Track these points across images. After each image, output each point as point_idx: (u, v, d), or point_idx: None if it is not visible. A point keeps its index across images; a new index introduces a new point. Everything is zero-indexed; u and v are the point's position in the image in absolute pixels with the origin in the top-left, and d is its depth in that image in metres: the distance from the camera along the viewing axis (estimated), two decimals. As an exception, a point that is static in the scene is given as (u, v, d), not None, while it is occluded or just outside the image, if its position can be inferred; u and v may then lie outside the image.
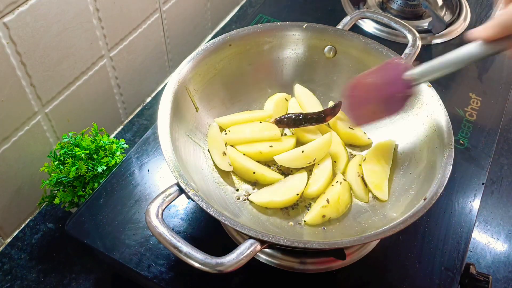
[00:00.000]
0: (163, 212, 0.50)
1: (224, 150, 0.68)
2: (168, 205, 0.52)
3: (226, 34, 0.72)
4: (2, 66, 0.64)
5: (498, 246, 0.84)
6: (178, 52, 1.04)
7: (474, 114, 0.84)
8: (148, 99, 1.02)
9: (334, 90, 0.78)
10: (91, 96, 0.84)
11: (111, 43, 0.82)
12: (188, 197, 0.52)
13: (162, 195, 0.52)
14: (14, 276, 0.74)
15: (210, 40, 0.82)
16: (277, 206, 0.65)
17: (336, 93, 0.78)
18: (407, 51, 0.74)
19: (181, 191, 0.53)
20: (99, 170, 0.71)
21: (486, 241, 0.85)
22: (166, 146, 0.57)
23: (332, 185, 0.66)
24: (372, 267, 0.64)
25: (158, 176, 0.71)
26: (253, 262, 0.60)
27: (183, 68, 0.67)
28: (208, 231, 0.66)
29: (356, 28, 0.93)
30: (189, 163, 0.61)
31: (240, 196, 0.66)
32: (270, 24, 0.76)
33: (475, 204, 0.71)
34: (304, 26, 0.75)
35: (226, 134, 0.70)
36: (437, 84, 0.70)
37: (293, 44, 0.76)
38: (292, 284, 0.62)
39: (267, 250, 0.64)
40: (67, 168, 0.70)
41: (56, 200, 0.71)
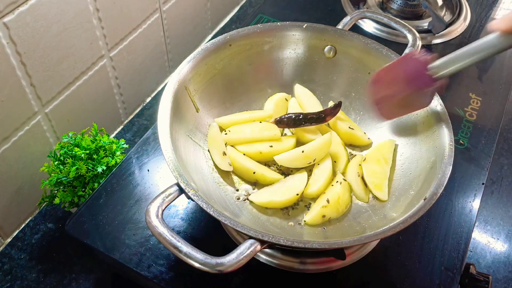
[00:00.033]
0: (163, 212, 0.51)
1: (224, 150, 0.68)
2: (168, 205, 0.52)
3: (226, 34, 0.72)
4: (2, 66, 0.64)
5: (498, 246, 0.84)
6: (178, 52, 1.04)
7: (474, 114, 0.84)
8: (148, 99, 1.02)
9: (334, 90, 0.78)
10: (91, 96, 0.84)
11: (111, 43, 0.82)
12: (188, 197, 0.52)
13: (162, 195, 0.52)
14: (14, 276, 0.74)
15: (210, 40, 0.82)
16: (277, 206, 0.65)
17: (336, 93, 0.78)
18: (407, 51, 0.74)
19: (181, 191, 0.53)
20: (99, 170, 0.71)
21: (486, 241, 0.85)
22: (166, 146, 0.57)
23: (332, 185, 0.66)
24: (372, 267, 0.64)
25: (158, 176, 0.71)
26: (253, 262, 0.60)
27: (183, 68, 0.67)
28: (208, 231, 0.66)
29: (356, 28, 0.93)
30: (189, 163, 0.61)
31: (240, 196, 0.66)
32: (270, 24, 0.76)
33: (475, 204, 0.71)
34: (304, 26, 0.75)
35: (226, 134, 0.70)
36: (437, 84, 0.70)
37: (293, 44, 0.76)
38: (292, 284, 0.62)
39: (267, 250, 0.64)
40: (67, 168, 0.70)
41: (56, 200, 0.71)
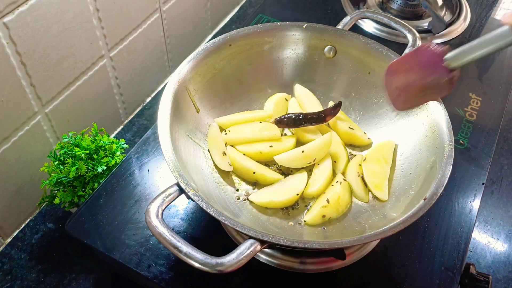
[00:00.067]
0: (163, 212, 0.51)
1: (224, 150, 0.68)
2: (168, 205, 0.52)
3: (226, 34, 0.72)
4: (2, 66, 0.64)
5: (498, 246, 0.84)
6: (178, 52, 1.04)
7: (474, 114, 0.84)
8: (148, 99, 1.02)
9: (334, 90, 0.78)
10: (91, 96, 0.84)
11: (111, 43, 0.82)
12: (188, 197, 0.52)
13: (162, 195, 0.52)
14: (14, 276, 0.74)
15: (210, 40, 0.82)
16: (277, 206, 0.65)
17: (336, 93, 0.78)
18: (407, 51, 0.74)
19: (181, 191, 0.53)
20: (99, 170, 0.71)
21: (486, 241, 0.85)
22: (166, 146, 0.57)
23: (332, 185, 0.66)
24: (372, 267, 0.64)
25: (158, 176, 0.71)
26: (253, 262, 0.60)
27: (183, 68, 0.67)
28: (208, 231, 0.66)
29: (356, 28, 0.93)
30: (189, 163, 0.61)
31: (240, 196, 0.66)
32: (270, 24, 0.76)
33: (475, 204, 0.71)
34: (304, 26, 0.75)
35: (226, 134, 0.70)
36: (437, 84, 0.70)
37: (293, 44, 0.76)
38: (292, 284, 0.62)
39: (267, 250, 0.64)
40: (67, 168, 0.70)
41: (56, 200, 0.71)
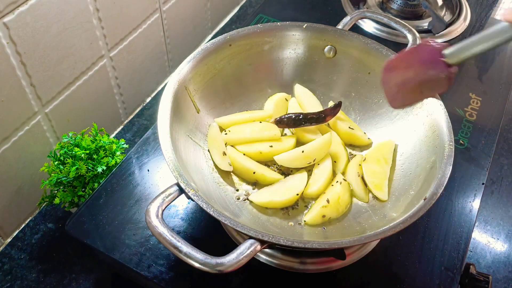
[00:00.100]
0: (163, 212, 0.51)
1: (224, 150, 0.68)
2: (168, 205, 0.52)
3: (226, 34, 0.72)
4: (2, 66, 0.64)
5: (498, 246, 0.84)
6: (178, 52, 1.04)
7: (474, 114, 0.84)
8: (148, 99, 1.02)
9: (334, 90, 0.78)
10: (91, 96, 0.84)
11: (111, 43, 0.82)
12: (188, 197, 0.52)
13: (162, 195, 0.52)
14: (14, 276, 0.74)
15: (210, 40, 0.82)
16: (277, 206, 0.65)
17: (336, 93, 0.78)
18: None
19: (181, 191, 0.53)
20: (99, 170, 0.71)
21: (486, 241, 0.85)
22: (166, 146, 0.57)
23: (332, 185, 0.66)
24: (372, 267, 0.64)
25: (158, 176, 0.71)
26: (253, 262, 0.60)
27: (183, 68, 0.67)
28: (208, 231, 0.66)
29: (356, 28, 0.93)
30: (189, 163, 0.61)
31: (240, 196, 0.66)
32: (270, 24, 0.76)
33: (475, 204, 0.71)
34: (304, 26, 0.75)
35: (226, 134, 0.70)
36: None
37: (293, 44, 0.76)
38: (292, 284, 0.62)
39: (267, 250, 0.64)
40: (67, 168, 0.70)
41: (56, 200, 0.71)
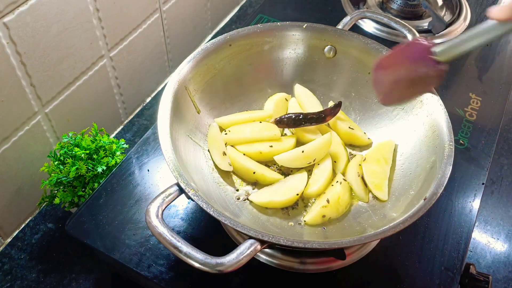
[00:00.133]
0: (163, 212, 0.51)
1: (224, 150, 0.68)
2: (168, 205, 0.52)
3: (226, 34, 0.72)
4: (2, 66, 0.64)
5: (498, 246, 0.84)
6: (178, 52, 1.04)
7: (474, 114, 0.84)
8: (148, 99, 1.02)
9: (334, 90, 0.78)
10: (91, 96, 0.84)
11: (111, 43, 0.82)
12: (188, 197, 0.52)
13: (162, 195, 0.52)
14: (14, 276, 0.74)
15: (210, 40, 0.82)
16: (277, 206, 0.65)
17: (336, 93, 0.78)
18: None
19: (181, 191, 0.53)
20: (99, 170, 0.71)
21: (486, 241, 0.85)
22: (166, 146, 0.57)
23: (332, 185, 0.66)
24: (372, 267, 0.64)
25: (158, 176, 0.71)
26: (253, 262, 0.60)
27: (183, 68, 0.67)
28: (208, 231, 0.66)
29: (356, 28, 0.93)
30: (189, 163, 0.61)
31: (240, 196, 0.66)
32: (270, 24, 0.76)
33: (475, 204, 0.71)
34: (304, 26, 0.75)
35: (226, 134, 0.70)
36: (437, 84, 0.70)
37: (293, 44, 0.76)
38: (292, 284, 0.62)
39: (267, 250, 0.64)
40: (67, 168, 0.70)
41: (56, 200, 0.71)
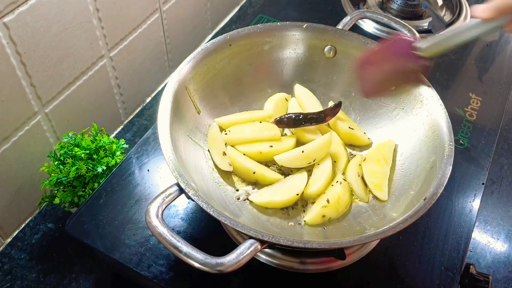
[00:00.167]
0: (163, 212, 0.50)
1: (224, 150, 0.68)
2: (168, 205, 0.52)
3: (226, 34, 0.72)
4: (2, 66, 0.64)
5: (498, 246, 0.84)
6: (178, 52, 1.04)
7: (474, 114, 0.84)
8: (148, 99, 1.02)
9: (334, 90, 0.78)
10: (91, 96, 0.84)
11: (111, 43, 0.82)
12: (188, 197, 0.52)
13: (162, 195, 0.52)
14: (14, 276, 0.74)
15: (210, 40, 0.82)
16: (277, 206, 0.65)
17: (336, 93, 0.78)
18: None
19: (181, 191, 0.53)
20: (99, 170, 0.71)
21: (486, 241, 0.85)
22: (166, 146, 0.57)
23: (332, 185, 0.66)
24: (372, 267, 0.64)
25: (158, 176, 0.71)
26: (253, 262, 0.60)
27: (183, 68, 0.67)
28: (208, 231, 0.66)
29: (356, 28, 0.93)
30: (189, 163, 0.61)
31: (240, 196, 0.66)
32: (270, 24, 0.76)
33: (475, 204, 0.71)
34: (304, 26, 0.75)
35: (226, 134, 0.70)
36: (436, 84, 0.70)
37: (293, 44, 0.76)
38: (292, 284, 0.62)
39: (267, 250, 0.64)
40: (67, 168, 0.70)
41: (56, 200, 0.71)
